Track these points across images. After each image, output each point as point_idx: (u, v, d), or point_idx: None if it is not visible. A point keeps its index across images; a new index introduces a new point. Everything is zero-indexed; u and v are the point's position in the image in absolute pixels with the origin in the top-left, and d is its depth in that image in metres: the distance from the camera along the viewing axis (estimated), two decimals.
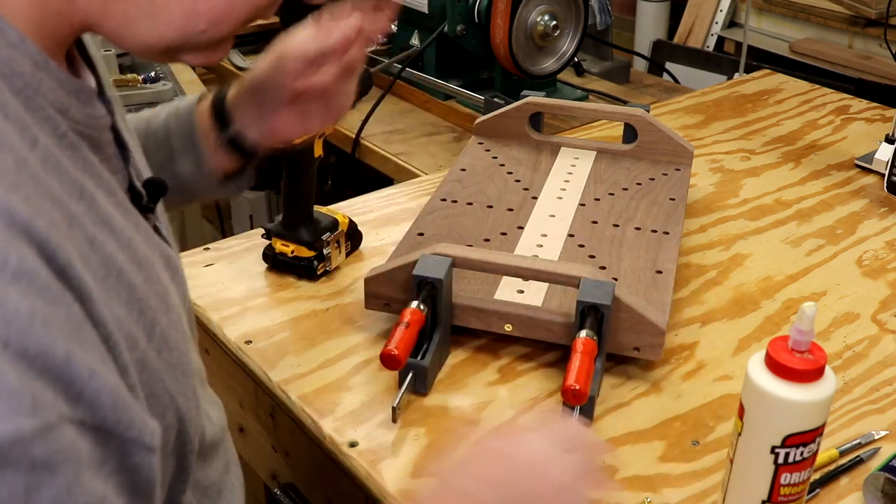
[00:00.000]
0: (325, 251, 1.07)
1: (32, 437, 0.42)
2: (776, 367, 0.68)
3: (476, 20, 1.77)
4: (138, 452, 0.50)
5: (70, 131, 0.55)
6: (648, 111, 1.28)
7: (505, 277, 0.99)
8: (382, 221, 1.23)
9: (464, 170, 1.23)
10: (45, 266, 0.46)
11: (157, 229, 0.67)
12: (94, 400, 0.46)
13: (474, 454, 0.69)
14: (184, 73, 2.06)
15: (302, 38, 0.83)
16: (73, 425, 0.45)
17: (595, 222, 1.12)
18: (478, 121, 1.33)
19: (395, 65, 1.86)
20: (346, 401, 0.89)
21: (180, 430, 0.61)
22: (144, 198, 0.64)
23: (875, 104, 1.68)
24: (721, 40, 2.99)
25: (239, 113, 0.88)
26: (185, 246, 1.79)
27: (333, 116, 0.88)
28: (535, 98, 1.30)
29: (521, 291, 0.98)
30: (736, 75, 1.89)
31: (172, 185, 0.73)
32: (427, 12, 1.82)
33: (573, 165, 1.26)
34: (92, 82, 0.62)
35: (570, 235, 1.09)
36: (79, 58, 0.62)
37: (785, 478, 0.71)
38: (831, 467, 0.83)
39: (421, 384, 0.89)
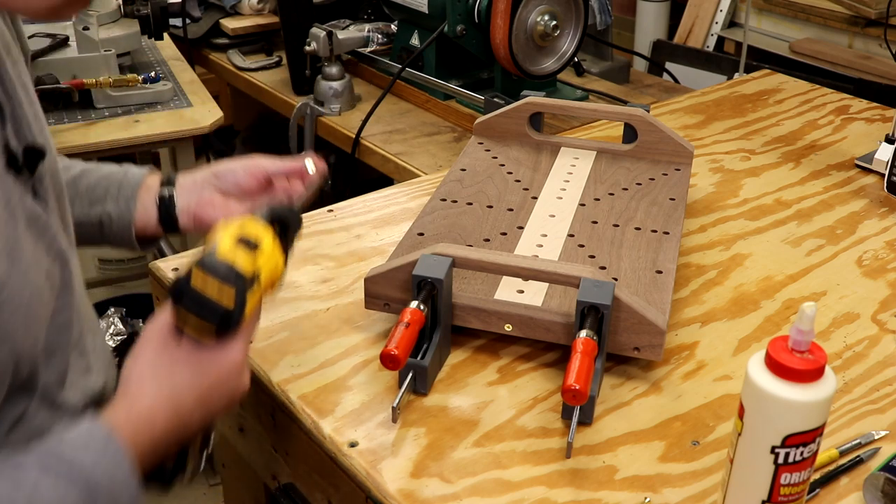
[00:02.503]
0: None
1: None
2: (776, 367, 0.68)
3: (476, 20, 1.77)
4: None
5: None
6: (648, 111, 1.28)
7: (505, 277, 0.99)
8: (382, 221, 1.23)
9: (464, 170, 1.23)
10: None
11: (35, 191, 0.75)
12: None
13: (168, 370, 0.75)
14: (184, 74, 2.06)
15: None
16: None
17: (595, 222, 1.12)
18: (478, 121, 1.33)
19: (396, 65, 1.86)
20: (346, 401, 0.89)
21: (15, 370, 0.69)
22: (20, 159, 0.72)
23: (875, 104, 1.68)
24: (721, 40, 3.00)
25: (182, 190, 1.02)
26: (183, 247, 1.80)
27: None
28: (535, 98, 1.30)
29: (521, 291, 0.98)
30: (736, 75, 1.89)
31: (95, 221, 0.97)
32: (427, 12, 1.82)
33: (573, 165, 1.26)
34: None
35: (570, 235, 1.09)
36: None
37: (785, 478, 0.71)
38: (831, 467, 0.83)
39: (421, 384, 0.89)
